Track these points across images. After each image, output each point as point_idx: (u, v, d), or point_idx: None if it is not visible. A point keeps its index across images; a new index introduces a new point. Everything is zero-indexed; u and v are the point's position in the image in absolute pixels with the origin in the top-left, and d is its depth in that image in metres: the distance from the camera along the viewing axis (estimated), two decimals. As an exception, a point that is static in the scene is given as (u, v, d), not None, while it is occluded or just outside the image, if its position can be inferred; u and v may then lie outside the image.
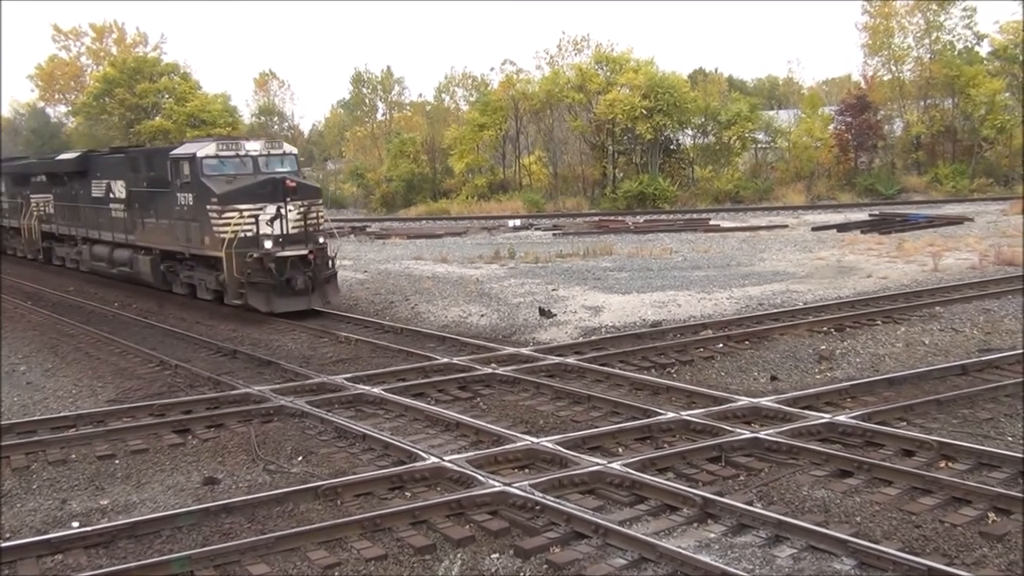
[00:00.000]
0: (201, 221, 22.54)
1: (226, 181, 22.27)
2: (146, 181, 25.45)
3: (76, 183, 30.53)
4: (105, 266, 28.77)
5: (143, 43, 79.12)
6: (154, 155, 25.79)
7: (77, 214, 30.80)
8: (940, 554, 8.67)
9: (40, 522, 10.25)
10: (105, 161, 29.13)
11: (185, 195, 23.09)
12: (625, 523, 9.55)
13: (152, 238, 25.35)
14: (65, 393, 16.08)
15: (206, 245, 22.61)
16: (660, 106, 55.51)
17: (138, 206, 25.85)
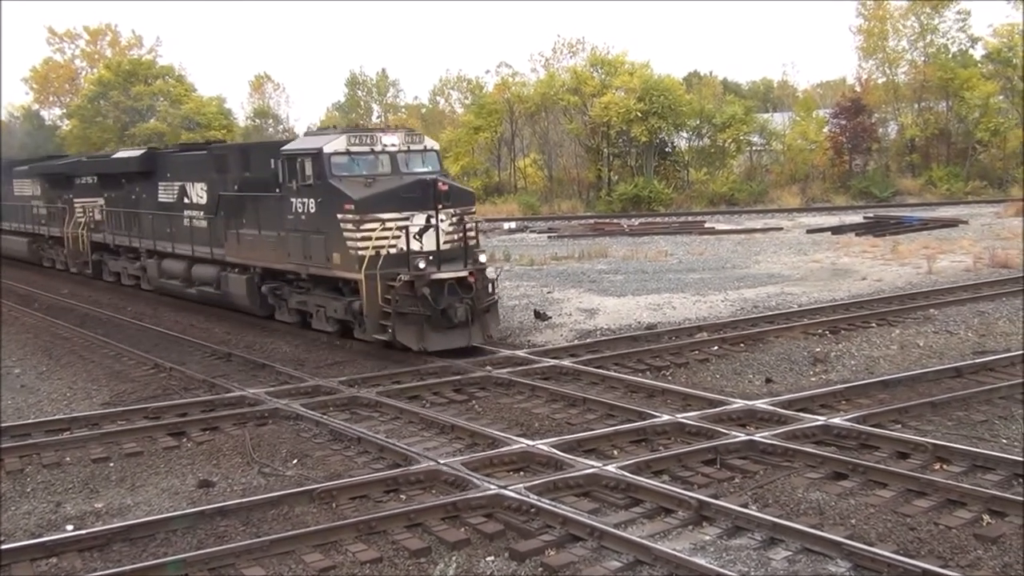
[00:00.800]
0: (328, 233, 17.91)
1: (364, 184, 17.69)
2: (238, 183, 21.34)
3: (137, 186, 26.49)
4: (179, 285, 24.21)
5: (138, 45, 79.07)
6: (252, 152, 21.81)
7: (138, 222, 26.46)
8: (935, 556, 8.68)
9: (34, 525, 10.23)
10: (177, 160, 24.94)
11: (303, 200, 18.55)
12: (620, 525, 9.55)
13: (250, 253, 20.79)
14: (59, 396, 16.05)
15: (334, 264, 17.93)
16: (655, 109, 55.54)
17: (227, 214, 21.59)
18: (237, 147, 24.00)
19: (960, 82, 54.26)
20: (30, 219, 35.04)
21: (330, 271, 18.21)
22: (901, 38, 59.29)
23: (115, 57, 75.48)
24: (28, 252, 35.67)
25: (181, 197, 23.96)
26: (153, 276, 25.99)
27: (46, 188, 33.07)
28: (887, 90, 59.11)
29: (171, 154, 26.00)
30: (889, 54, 59.26)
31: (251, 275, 21.05)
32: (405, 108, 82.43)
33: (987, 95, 53.69)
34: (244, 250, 20.99)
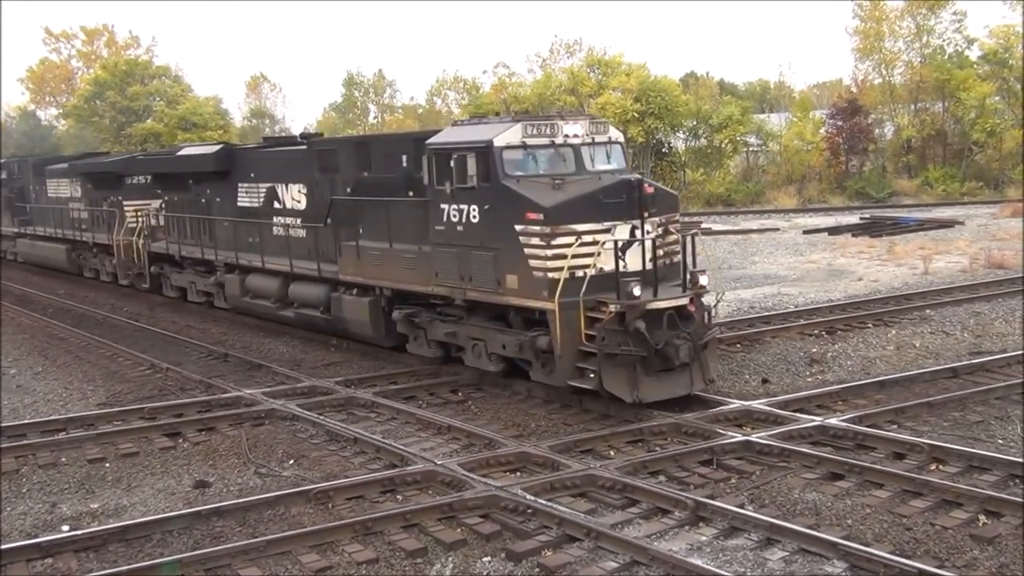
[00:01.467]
0: (499, 249, 13.94)
1: (549, 186, 13.75)
2: (352, 185, 17.48)
3: (208, 187, 22.68)
4: (270, 306, 20.25)
5: (135, 46, 79.00)
6: (374, 146, 17.55)
7: (211, 230, 22.51)
8: (931, 557, 8.69)
9: (30, 526, 10.22)
10: (264, 157, 21.29)
11: (460, 207, 14.57)
12: (617, 526, 9.56)
13: (375, 271, 16.78)
14: (55, 396, 16.03)
15: (508, 288, 13.93)
16: (652, 109, 55.57)
17: (340, 222, 17.66)
18: (351, 141, 20.26)
19: (956, 83, 54.30)
20: (68, 224, 31.02)
21: (501, 297, 14.08)
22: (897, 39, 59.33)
23: (111, 57, 75.40)
24: (67, 261, 31.64)
25: (270, 201, 20.35)
26: (234, 294, 21.73)
27: (88, 189, 29.36)
28: (883, 91, 59.17)
29: (255, 150, 22.29)
30: (885, 55, 59.31)
31: (375, 297, 17.02)
32: (402, 108, 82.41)
33: (983, 96, 53.74)
34: (366, 267, 16.97)
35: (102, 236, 28.41)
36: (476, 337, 15.13)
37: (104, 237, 28.22)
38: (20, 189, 35.54)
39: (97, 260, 29.93)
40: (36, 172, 34.09)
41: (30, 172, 34.85)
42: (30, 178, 34.79)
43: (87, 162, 30.79)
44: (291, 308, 19.66)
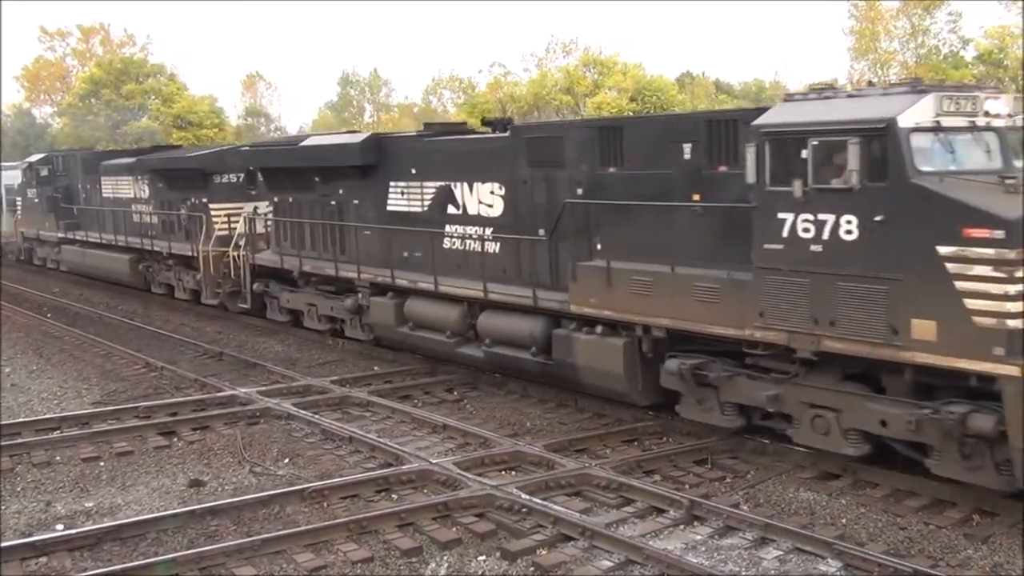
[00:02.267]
0: (903, 279, 9.62)
1: (998, 187, 9.48)
2: (587, 184, 13.29)
3: (344, 185, 17.98)
4: (447, 341, 15.41)
5: (130, 44, 78.92)
6: (632, 129, 13.17)
7: (346, 239, 17.95)
8: (925, 556, 8.71)
9: (24, 524, 10.20)
10: (433, 149, 16.41)
11: (824, 217, 10.24)
12: (612, 525, 9.56)
13: (641, 303, 12.14)
14: (50, 395, 16.00)
15: (916, 339, 9.53)
16: (648, 109, 55.65)
17: (571, 234, 13.33)
18: (590, 126, 14.00)
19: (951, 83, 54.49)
20: (132, 229, 26.43)
21: (898, 352, 9.70)
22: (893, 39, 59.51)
23: (106, 55, 75.33)
24: (130, 273, 26.81)
25: (442, 204, 15.78)
26: (383, 323, 16.91)
27: (160, 189, 25.22)
28: (879, 91, 59.28)
29: (418, 141, 17.13)
30: (881, 55, 59.45)
31: (631, 339, 12.44)
32: (397, 107, 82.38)
33: (978, 96, 53.83)
34: (622, 297, 12.28)
35: (182, 245, 23.74)
36: (822, 405, 10.69)
37: (184, 247, 23.56)
38: (66, 188, 31.39)
39: (172, 274, 25.00)
40: (87, 168, 29.96)
41: (79, 169, 30.65)
42: (79, 175, 30.65)
43: (162, 157, 26.32)
44: (477, 345, 14.95)
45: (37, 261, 35.20)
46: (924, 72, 55.70)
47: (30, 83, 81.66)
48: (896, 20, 59.08)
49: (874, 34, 59.30)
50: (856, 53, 60.76)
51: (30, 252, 35.96)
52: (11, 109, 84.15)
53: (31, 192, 32.98)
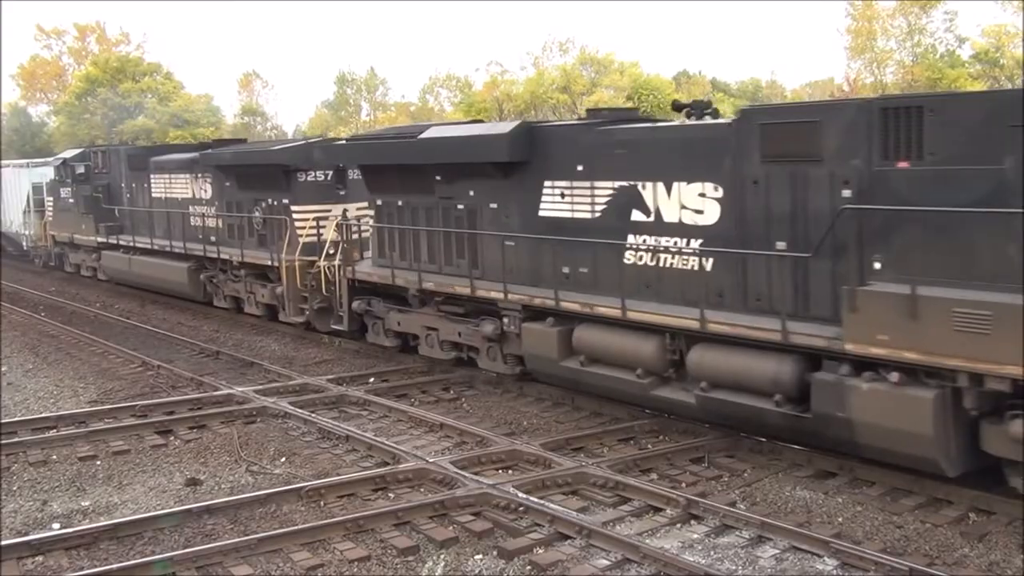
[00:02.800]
0: None
1: None
2: (864, 183, 10.15)
3: (476, 185, 14.99)
4: (637, 381, 12.41)
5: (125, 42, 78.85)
6: (959, 105, 9.72)
7: (481, 251, 14.96)
8: (921, 554, 8.72)
9: (21, 524, 10.19)
10: (610, 140, 13.06)
11: None
12: (608, 524, 9.56)
13: (975, 345, 8.88)
14: (46, 394, 15.98)
15: None
16: (644, 108, 55.65)
17: (853, 247, 10.21)
18: (860, 105, 10.37)
19: (948, 82, 54.47)
20: (189, 234, 23.34)
21: None
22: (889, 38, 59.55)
23: (102, 54, 75.25)
24: (188, 284, 23.47)
25: (623, 209, 12.72)
26: (543, 355, 13.78)
27: (227, 187, 22.01)
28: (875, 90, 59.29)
29: (589, 130, 13.54)
30: (877, 54, 59.49)
31: (944, 391, 9.33)
32: (394, 106, 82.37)
33: (975, 95, 53.95)
34: (939, 334, 9.09)
35: (257, 253, 20.62)
36: None
37: (260, 255, 20.47)
38: (107, 187, 27.93)
39: (243, 286, 21.68)
40: (133, 165, 26.70)
41: (123, 166, 27.24)
42: (122, 173, 27.26)
43: (234, 151, 22.47)
44: (684, 387, 12.02)
45: (69, 268, 31.96)
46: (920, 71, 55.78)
47: (26, 82, 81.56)
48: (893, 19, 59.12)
49: (871, 33, 59.32)
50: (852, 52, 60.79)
51: (61, 258, 32.53)
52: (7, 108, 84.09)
53: (64, 192, 29.55)
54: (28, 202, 34.71)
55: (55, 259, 33.02)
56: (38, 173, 34.32)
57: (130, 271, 26.48)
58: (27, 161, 37.58)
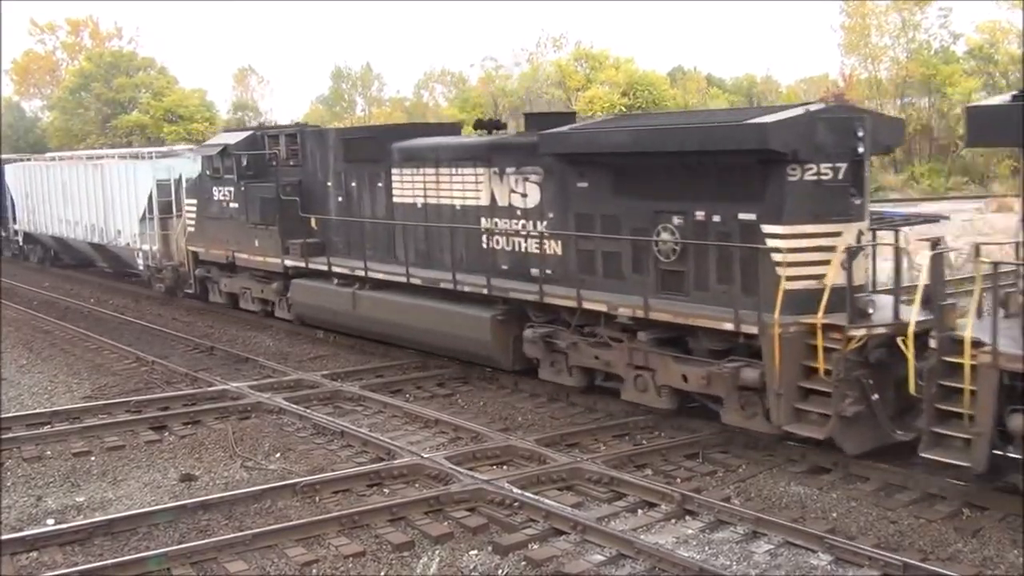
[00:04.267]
0: None
1: None
2: None
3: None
4: None
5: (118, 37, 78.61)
6: None
7: None
8: (915, 550, 8.75)
9: (15, 519, 10.17)
10: None
11: None
12: (603, 519, 9.57)
13: None
14: (40, 389, 15.95)
15: None
16: (639, 103, 55.67)
17: None
18: None
19: (942, 78, 54.55)
20: (484, 262, 15.16)
21: None
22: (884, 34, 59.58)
23: (96, 48, 75.04)
24: (493, 344, 14.76)
25: None
26: None
27: (581, 191, 13.67)
28: (870, 86, 59.39)
29: None
30: (872, 50, 59.53)
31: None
32: (389, 101, 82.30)
33: (969, 91, 53.98)
34: None
35: (681, 307, 12.10)
36: None
37: (678, 307, 12.09)
38: (298, 187, 19.22)
39: (626, 356, 12.84)
40: (355, 154, 17.98)
41: (332, 154, 18.53)
42: (330, 165, 18.60)
43: (619, 128, 13.84)
44: None
45: (218, 298, 22.51)
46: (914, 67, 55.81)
47: (19, 77, 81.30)
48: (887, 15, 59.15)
49: (865, 29, 59.35)
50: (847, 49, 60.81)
51: (204, 284, 22.95)
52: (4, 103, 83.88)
53: (220, 192, 21.05)
54: (149, 206, 24.71)
55: (195, 285, 23.17)
56: (164, 167, 25.11)
57: (355, 314, 17.44)
58: (149, 151, 27.85)
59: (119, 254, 27.45)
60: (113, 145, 50.48)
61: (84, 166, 28.78)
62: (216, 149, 21.28)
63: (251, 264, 20.45)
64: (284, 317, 20.07)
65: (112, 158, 28.58)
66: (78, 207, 28.61)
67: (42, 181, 31.45)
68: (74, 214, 28.97)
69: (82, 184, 28.29)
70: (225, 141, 21.55)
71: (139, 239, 25.24)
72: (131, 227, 25.58)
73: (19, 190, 33.71)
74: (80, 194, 28.39)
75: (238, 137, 21.39)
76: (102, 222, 27.22)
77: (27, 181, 32.98)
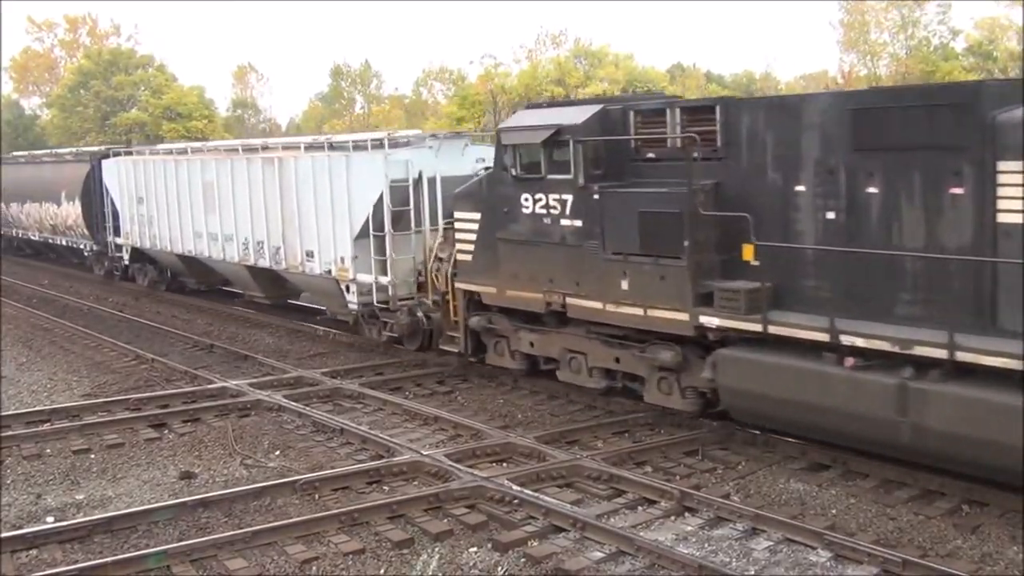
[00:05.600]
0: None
1: None
2: None
3: None
4: None
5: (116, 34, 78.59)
6: None
7: None
8: (914, 546, 8.75)
9: (15, 517, 10.17)
10: None
11: None
12: (603, 516, 9.58)
13: None
14: (40, 387, 15.96)
15: None
16: (638, 100, 55.67)
17: None
18: None
19: (942, 75, 54.54)
20: None
21: None
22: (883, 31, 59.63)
23: (94, 46, 75.01)
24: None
25: None
26: None
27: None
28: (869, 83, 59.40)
29: None
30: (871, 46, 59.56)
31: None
32: (388, 99, 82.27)
33: (968, 88, 54.05)
34: None
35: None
36: None
37: None
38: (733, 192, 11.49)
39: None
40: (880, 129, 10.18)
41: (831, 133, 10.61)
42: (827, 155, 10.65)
43: None
44: None
45: (508, 361, 14.65)
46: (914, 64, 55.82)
47: (18, 74, 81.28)
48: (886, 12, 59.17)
49: (864, 26, 59.38)
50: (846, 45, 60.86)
51: (481, 340, 15.02)
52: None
53: (537, 201, 13.39)
54: (373, 217, 16.81)
55: (464, 340, 15.15)
56: (399, 161, 16.83)
57: (913, 424, 9.53)
58: (373, 137, 18.23)
59: (304, 284, 19.90)
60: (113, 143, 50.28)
61: (247, 161, 20.15)
62: (541, 133, 13.07)
63: (605, 318, 12.62)
64: (670, 406, 12.37)
65: (298, 148, 19.28)
66: (230, 217, 20.64)
67: (164, 182, 23.19)
68: (221, 226, 21.04)
69: (242, 186, 20.17)
70: (551, 120, 13.19)
71: (352, 265, 17.20)
72: (337, 247, 17.49)
73: (124, 193, 25.43)
74: (237, 199, 20.36)
75: (580, 115, 13.02)
76: (278, 239, 19.21)
77: (138, 182, 24.57)
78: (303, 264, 18.61)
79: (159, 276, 26.10)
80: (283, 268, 19.35)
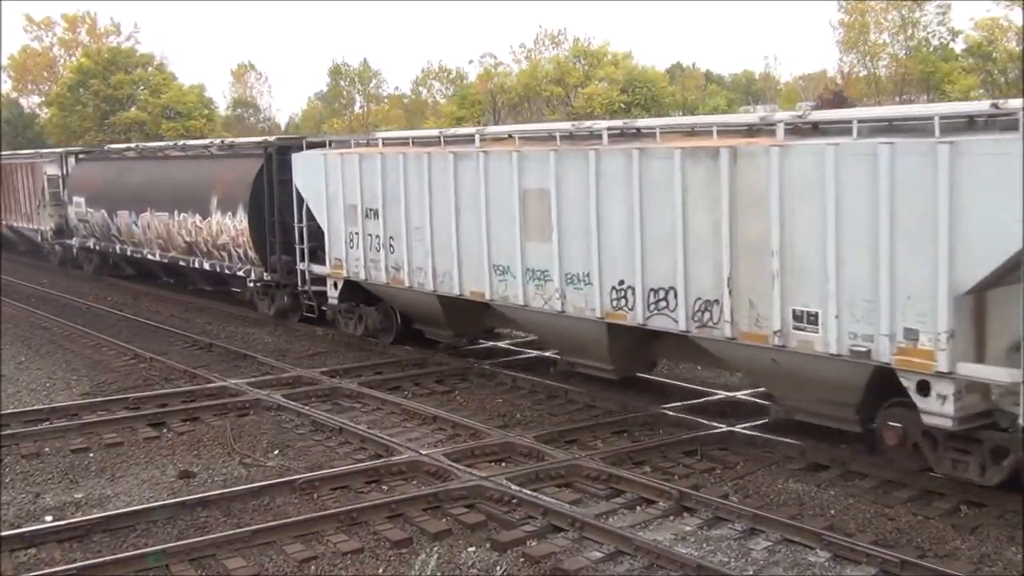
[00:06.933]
0: None
1: None
2: None
3: None
4: None
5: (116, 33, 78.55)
6: None
7: None
8: (913, 547, 8.75)
9: (13, 516, 10.17)
10: None
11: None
12: (601, 516, 9.58)
13: None
14: (39, 386, 15.94)
15: None
16: (638, 100, 55.75)
17: None
18: None
19: (941, 76, 54.59)
20: None
21: None
22: (882, 32, 59.63)
23: (93, 44, 74.99)
24: None
25: None
26: None
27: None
28: (868, 83, 59.47)
29: None
30: (871, 47, 59.57)
31: None
32: (387, 98, 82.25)
33: (968, 88, 54.03)
34: None
35: None
36: None
37: None
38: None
39: None
40: None
41: None
42: None
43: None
44: None
45: None
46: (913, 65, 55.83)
47: (17, 73, 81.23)
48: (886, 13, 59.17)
49: (863, 26, 59.38)
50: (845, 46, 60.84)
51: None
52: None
53: None
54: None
55: None
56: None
57: None
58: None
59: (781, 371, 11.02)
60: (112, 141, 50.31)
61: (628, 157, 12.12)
62: None
63: None
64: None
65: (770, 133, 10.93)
66: (585, 244, 12.82)
67: (427, 186, 15.33)
68: (560, 259, 13.25)
69: (618, 194, 12.30)
70: None
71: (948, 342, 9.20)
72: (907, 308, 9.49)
73: (332, 201, 17.58)
74: (603, 216, 12.53)
75: None
76: (708, 285, 11.40)
77: (365, 185, 16.63)
78: (784, 332, 10.58)
79: (384, 322, 17.74)
80: (721, 337, 11.35)
